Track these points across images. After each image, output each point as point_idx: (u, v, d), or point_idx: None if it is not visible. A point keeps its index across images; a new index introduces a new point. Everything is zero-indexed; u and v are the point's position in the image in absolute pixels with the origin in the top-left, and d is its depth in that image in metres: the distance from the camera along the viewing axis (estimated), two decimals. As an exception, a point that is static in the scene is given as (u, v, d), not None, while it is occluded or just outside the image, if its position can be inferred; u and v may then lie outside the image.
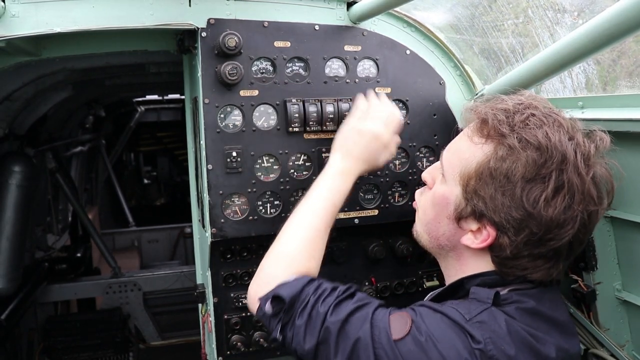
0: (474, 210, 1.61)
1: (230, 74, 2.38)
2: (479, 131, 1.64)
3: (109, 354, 5.69)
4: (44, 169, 5.61)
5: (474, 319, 1.50)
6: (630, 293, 2.07)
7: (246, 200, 2.49)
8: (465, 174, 1.63)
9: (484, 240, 1.62)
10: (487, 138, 1.61)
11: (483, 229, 1.62)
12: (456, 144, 1.74)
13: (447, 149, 1.78)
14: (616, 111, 1.94)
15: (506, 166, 1.53)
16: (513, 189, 1.52)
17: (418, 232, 1.90)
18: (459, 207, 1.65)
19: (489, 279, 1.65)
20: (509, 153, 1.54)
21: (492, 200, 1.56)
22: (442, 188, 1.73)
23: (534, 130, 1.53)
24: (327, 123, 2.57)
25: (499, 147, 1.56)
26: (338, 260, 2.76)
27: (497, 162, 1.55)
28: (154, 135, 11.69)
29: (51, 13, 2.28)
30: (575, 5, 2.33)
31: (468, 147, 1.65)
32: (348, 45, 2.63)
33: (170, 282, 6.03)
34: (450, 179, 1.69)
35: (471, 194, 1.61)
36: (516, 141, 1.53)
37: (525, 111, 1.59)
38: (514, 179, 1.52)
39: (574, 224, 1.52)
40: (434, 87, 2.78)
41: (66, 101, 4.83)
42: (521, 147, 1.52)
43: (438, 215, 1.74)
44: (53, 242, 5.98)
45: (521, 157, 1.52)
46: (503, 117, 1.59)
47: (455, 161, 1.68)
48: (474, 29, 2.77)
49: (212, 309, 2.61)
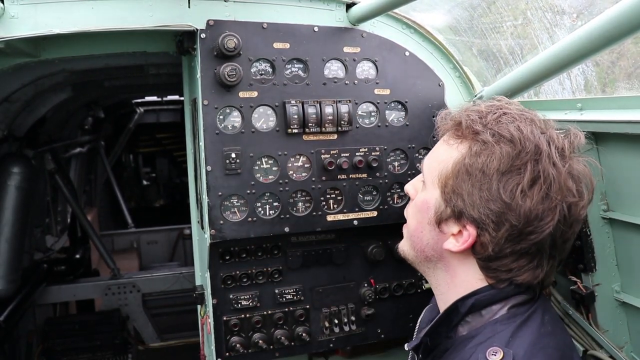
0: (453, 210, 1.61)
1: (230, 75, 2.38)
2: (453, 134, 1.67)
3: (108, 356, 5.67)
4: (43, 170, 5.59)
5: None
6: (629, 294, 2.07)
7: (245, 202, 2.49)
8: (443, 175, 1.64)
9: (464, 241, 1.61)
10: (462, 138, 1.64)
11: (464, 230, 1.61)
12: (434, 149, 1.77)
13: (426, 156, 1.80)
14: (615, 113, 1.94)
15: (481, 161, 1.56)
16: (489, 182, 1.54)
17: (404, 250, 1.86)
18: (439, 209, 1.65)
19: (483, 297, 1.61)
20: (483, 148, 1.57)
21: (469, 196, 1.57)
22: (422, 195, 1.74)
23: (506, 125, 1.57)
24: (326, 124, 2.58)
25: (473, 143, 1.60)
26: (337, 261, 2.76)
27: (472, 158, 1.58)
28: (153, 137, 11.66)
29: (50, 14, 2.28)
30: (574, 7, 2.33)
31: (445, 149, 1.68)
32: (347, 46, 2.63)
33: (170, 284, 6.02)
34: (430, 183, 1.70)
35: (449, 194, 1.62)
36: (489, 136, 1.56)
37: (497, 111, 1.63)
38: (489, 173, 1.54)
39: (553, 215, 1.52)
40: (433, 88, 2.78)
41: (65, 102, 4.82)
42: (494, 141, 1.55)
43: (420, 223, 1.73)
44: (52, 244, 5.97)
45: (495, 151, 1.54)
46: (476, 117, 1.63)
47: (433, 164, 1.70)
48: (473, 30, 2.78)
49: (211, 310, 2.61)
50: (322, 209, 2.62)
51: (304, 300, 2.73)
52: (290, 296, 2.70)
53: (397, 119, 2.75)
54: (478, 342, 1.54)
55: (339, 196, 2.65)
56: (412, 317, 2.88)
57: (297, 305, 2.71)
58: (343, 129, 2.62)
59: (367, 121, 2.70)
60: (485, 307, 1.60)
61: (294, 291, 2.70)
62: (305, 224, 2.60)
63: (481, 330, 1.58)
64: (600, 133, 2.01)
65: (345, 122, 2.60)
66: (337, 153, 2.62)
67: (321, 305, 2.75)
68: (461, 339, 1.61)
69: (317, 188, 2.61)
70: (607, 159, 2.03)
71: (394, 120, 2.74)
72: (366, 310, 2.80)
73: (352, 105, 2.63)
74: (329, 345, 2.79)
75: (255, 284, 2.65)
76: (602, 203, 2.07)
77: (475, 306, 1.60)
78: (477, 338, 1.56)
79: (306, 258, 2.71)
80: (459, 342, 1.61)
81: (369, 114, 2.70)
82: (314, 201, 2.60)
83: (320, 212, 2.62)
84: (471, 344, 1.56)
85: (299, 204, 2.59)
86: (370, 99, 2.68)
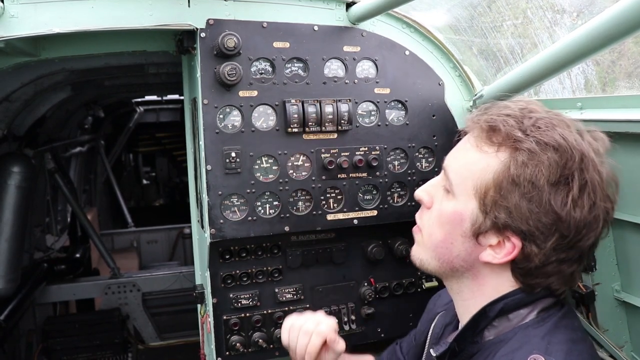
0: (494, 222, 1.52)
1: (230, 75, 2.37)
2: (487, 139, 1.56)
3: (108, 355, 5.68)
4: (43, 169, 5.60)
5: None
6: (629, 294, 2.06)
7: (245, 201, 2.49)
8: (481, 186, 1.54)
9: (508, 253, 1.53)
10: (499, 145, 1.53)
11: (505, 242, 1.54)
12: (463, 155, 1.62)
13: (451, 161, 1.65)
14: (615, 112, 1.94)
15: (529, 171, 1.47)
16: (539, 193, 1.47)
17: (423, 259, 1.71)
18: (477, 222, 1.55)
19: (511, 301, 1.56)
20: (529, 157, 1.48)
21: (517, 209, 1.49)
22: (450, 205, 1.61)
23: (548, 132, 1.49)
24: (326, 124, 2.58)
25: (517, 153, 1.49)
26: (337, 261, 2.76)
27: (519, 169, 1.48)
28: (153, 136, 11.68)
29: (50, 14, 2.28)
30: (575, 6, 2.33)
31: (479, 157, 1.56)
32: (347, 45, 2.63)
33: (169, 283, 6.02)
34: (462, 193, 1.58)
35: (490, 205, 1.52)
36: (534, 144, 1.47)
37: (532, 115, 1.55)
38: (539, 184, 1.47)
39: (599, 222, 1.50)
40: (433, 87, 2.78)
41: (65, 102, 4.82)
42: (540, 150, 1.47)
43: (449, 234, 1.61)
44: (52, 243, 5.98)
45: (543, 160, 1.47)
46: (513, 122, 1.52)
47: (465, 173, 1.57)
48: (473, 29, 2.78)
49: (211, 309, 2.61)
50: (322, 208, 2.62)
51: (304, 299, 2.73)
52: (290, 295, 2.70)
53: (397, 118, 2.75)
54: (513, 349, 1.49)
55: (339, 195, 2.65)
56: (412, 316, 2.88)
57: (297, 305, 2.71)
58: (343, 128, 2.62)
59: (367, 120, 2.70)
60: (513, 311, 1.56)
61: (294, 290, 2.71)
62: (305, 223, 2.60)
63: (511, 336, 1.54)
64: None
65: (345, 121, 2.60)
66: (337, 152, 2.62)
67: (321, 305, 2.75)
68: (488, 343, 1.57)
69: (317, 187, 2.61)
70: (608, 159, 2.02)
71: (394, 119, 2.74)
72: (366, 309, 2.80)
73: (352, 104, 2.63)
74: (329, 345, 2.79)
75: (255, 283, 2.65)
76: (602, 202, 2.07)
77: (504, 310, 1.56)
78: (510, 344, 1.51)
79: (306, 257, 2.71)
80: (486, 347, 1.57)
81: (369, 113, 2.70)
82: (314, 200, 2.60)
83: (320, 211, 2.62)
84: (503, 349, 1.51)
85: (299, 203, 2.59)
86: (370, 98, 2.68)
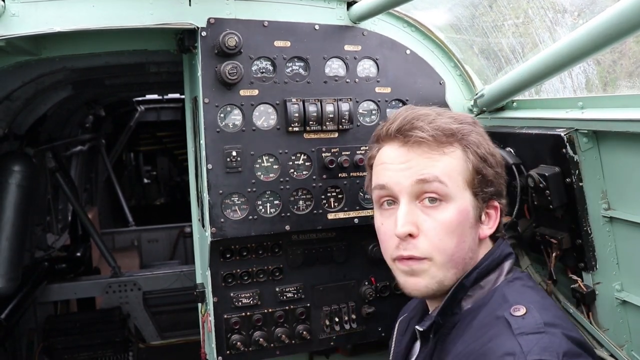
0: (484, 199, 1.72)
1: (230, 74, 2.38)
2: (439, 143, 1.68)
3: (108, 354, 5.68)
4: (44, 168, 5.60)
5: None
6: (629, 293, 2.06)
7: (246, 200, 2.49)
8: (468, 177, 1.69)
9: (496, 218, 1.76)
10: (452, 142, 1.69)
11: (490, 209, 1.75)
12: (434, 163, 1.67)
13: (430, 174, 1.65)
14: (616, 111, 1.94)
15: (483, 145, 1.73)
16: (495, 157, 1.76)
17: (440, 279, 1.67)
18: (476, 207, 1.70)
19: (484, 268, 1.71)
20: (475, 137, 1.72)
21: (493, 177, 1.73)
22: (452, 208, 1.65)
23: (455, 115, 1.79)
24: (327, 123, 2.58)
25: (466, 138, 1.71)
26: (338, 260, 2.76)
27: (479, 148, 1.71)
28: (153, 135, 11.69)
29: (51, 12, 2.28)
30: (576, 6, 2.32)
31: (450, 158, 1.69)
32: (348, 45, 2.63)
33: (170, 282, 6.03)
34: (456, 192, 1.67)
35: (479, 187, 1.70)
36: (466, 126, 1.72)
37: (428, 111, 1.76)
38: (491, 150, 1.76)
39: None
40: (434, 87, 2.78)
41: (66, 101, 4.83)
42: (471, 127, 1.74)
43: (461, 234, 1.66)
44: (53, 242, 5.98)
45: (479, 131, 1.76)
46: (441, 121, 1.70)
47: (453, 174, 1.67)
48: (474, 29, 2.77)
49: (211, 308, 2.61)
50: (322, 208, 2.62)
51: (305, 298, 2.73)
52: (291, 294, 2.70)
53: (397, 118, 2.74)
54: (493, 308, 1.61)
55: (340, 195, 2.65)
56: (413, 315, 2.88)
57: (298, 304, 2.71)
58: (344, 127, 2.62)
59: (368, 119, 2.70)
60: (484, 278, 1.71)
61: (294, 289, 2.71)
62: (306, 222, 2.60)
63: (488, 299, 1.66)
64: (601, 132, 2.00)
65: (346, 120, 2.60)
66: (338, 151, 2.62)
67: (322, 304, 2.75)
68: (468, 311, 1.68)
69: (318, 186, 2.61)
70: (608, 158, 2.02)
71: (395, 118, 2.74)
72: (367, 308, 2.80)
73: (352, 103, 2.63)
74: (330, 344, 2.79)
75: (255, 282, 2.65)
76: (603, 202, 2.07)
77: (477, 279, 1.69)
78: (490, 304, 1.63)
79: (307, 256, 2.71)
80: (466, 315, 1.67)
81: (369, 112, 2.70)
82: (315, 199, 2.60)
83: (321, 210, 2.62)
84: (485, 311, 1.63)
85: (300, 203, 2.59)
86: (371, 97, 2.68)
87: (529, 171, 2.24)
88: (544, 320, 1.48)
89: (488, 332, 1.53)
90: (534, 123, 2.36)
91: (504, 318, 1.52)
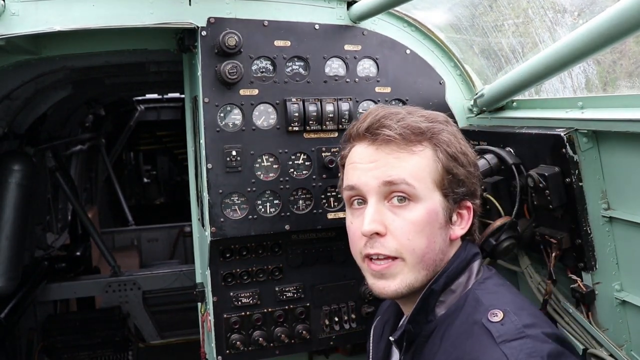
0: (455, 199, 1.69)
1: (230, 73, 2.38)
2: (408, 141, 1.65)
3: (108, 353, 5.69)
4: (44, 168, 5.60)
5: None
6: (629, 293, 2.06)
7: (246, 200, 2.49)
8: (437, 177, 1.66)
9: (468, 218, 1.74)
10: (421, 140, 1.67)
11: (462, 211, 1.73)
12: (402, 163, 1.64)
13: (396, 175, 1.63)
14: (616, 111, 1.94)
15: (454, 144, 1.70)
16: (466, 156, 1.73)
17: (410, 282, 1.65)
18: (446, 207, 1.67)
19: (452, 271, 1.67)
20: (446, 135, 1.69)
21: (464, 176, 1.70)
22: (420, 208, 1.63)
23: (426, 114, 1.75)
24: (327, 122, 2.58)
25: (437, 137, 1.68)
26: (337, 259, 2.76)
27: (449, 147, 1.68)
28: (153, 135, 11.69)
29: (51, 11, 2.28)
30: (576, 6, 2.32)
31: (419, 157, 1.65)
32: (348, 44, 2.63)
33: (170, 281, 6.02)
34: (426, 192, 1.64)
35: (449, 188, 1.67)
36: (437, 124, 1.70)
37: (399, 110, 1.74)
38: (463, 149, 1.72)
39: None
40: (433, 86, 2.78)
41: (66, 100, 4.82)
42: (443, 125, 1.71)
43: (431, 234, 1.64)
44: (53, 241, 5.98)
45: (450, 130, 1.73)
46: (411, 120, 1.68)
47: (421, 174, 1.64)
48: (474, 28, 2.77)
49: (211, 308, 2.61)
50: (322, 207, 2.62)
51: (305, 298, 2.73)
52: (291, 294, 2.70)
53: (397, 117, 2.74)
54: (468, 312, 1.59)
55: (340, 194, 2.65)
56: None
57: (298, 303, 2.71)
58: (344, 127, 2.61)
59: (368, 119, 2.69)
60: (454, 281, 1.68)
61: (294, 289, 2.71)
62: (306, 222, 2.60)
63: (462, 303, 1.64)
64: (601, 132, 2.00)
65: (346, 120, 2.60)
66: (338, 151, 2.62)
67: (321, 303, 2.75)
68: (443, 317, 1.65)
69: (318, 186, 2.61)
70: (608, 158, 2.02)
71: (395, 118, 2.74)
72: (366, 308, 2.80)
73: (352, 103, 2.63)
74: (329, 343, 2.79)
75: (255, 282, 2.65)
76: (603, 202, 2.07)
77: (447, 283, 1.67)
78: (465, 309, 1.61)
79: (307, 256, 2.71)
80: (441, 321, 1.64)
81: (369, 112, 2.70)
82: (315, 199, 2.60)
83: (321, 210, 2.62)
84: (461, 316, 1.60)
85: (300, 202, 2.59)
86: (371, 96, 2.68)
87: (529, 171, 2.24)
88: (522, 322, 1.48)
89: (468, 340, 1.51)
90: (533, 123, 2.36)
91: (481, 324, 1.51)
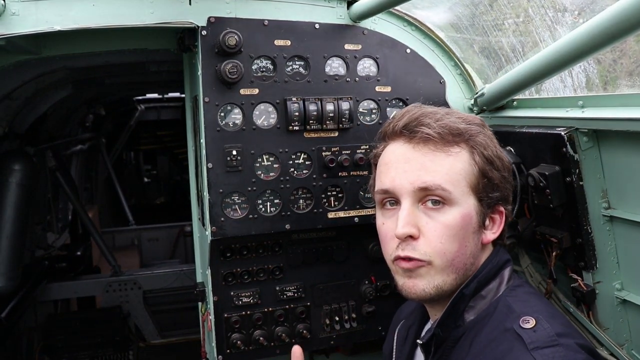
0: (489, 204, 1.68)
1: (231, 73, 2.38)
2: (445, 142, 1.64)
3: (108, 353, 5.69)
4: (44, 167, 5.60)
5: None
6: (630, 292, 2.06)
7: (246, 199, 2.49)
8: (472, 180, 1.64)
9: (500, 223, 1.72)
10: (458, 142, 1.65)
11: (495, 215, 1.71)
12: (437, 165, 1.63)
13: (429, 177, 1.61)
14: (616, 110, 1.94)
15: (490, 148, 1.69)
16: (501, 160, 1.72)
17: (439, 284, 1.63)
18: (480, 212, 1.66)
19: (483, 276, 1.66)
20: (482, 138, 1.68)
21: (499, 181, 1.69)
22: (455, 212, 1.61)
23: (463, 115, 1.74)
24: (327, 122, 2.58)
25: (473, 139, 1.67)
26: (338, 259, 2.77)
27: (485, 150, 1.67)
28: (154, 134, 11.68)
29: (51, 11, 2.28)
30: (576, 5, 2.32)
31: (454, 159, 1.64)
32: (348, 44, 2.63)
33: (170, 281, 6.03)
34: (461, 196, 1.62)
35: (484, 192, 1.65)
36: (474, 126, 1.69)
37: (439, 110, 1.73)
38: (498, 153, 1.71)
39: None
40: (434, 86, 2.78)
41: (66, 100, 4.83)
42: (479, 128, 1.70)
43: (463, 239, 1.62)
44: (53, 241, 5.98)
45: (487, 133, 1.72)
46: (448, 120, 1.67)
47: (456, 177, 1.62)
48: (475, 27, 2.77)
49: (212, 307, 2.62)
50: (323, 207, 2.62)
51: (305, 297, 2.73)
52: (291, 293, 2.70)
53: (398, 117, 2.74)
54: (500, 320, 1.56)
55: (340, 193, 2.65)
56: (413, 314, 2.88)
57: (298, 303, 2.72)
58: (344, 126, 2.62)
59: (368, 118, 2.70)
60: (485, 287, 1.66)
61: (294, 288, 2.71)
62: (306, 221, 2.60)
63: (492, 309, 1.61)
64: (602, 131, 2.00)
65: (346, 119, 2.60)
66: (338, 150, 2.62)
67: (322, 303, 2.75)
68: (472, 323, 1.63)
69: (318, 185, 2.61)
70: (608, 157, 2.02)
71: (395, 117, 2.74)
72: (367, 307, 2.80)
73: (353, 102, 2.63)
74: (330, 343, 2.79)
75: (256, 281, 2.65)
76: (603, 201, 2.07)
77: (478, 288, 1.65)
78: (495, 317, 1.58)
79: (307, 255, 2.71)
80: (471, 327, 1.62)
81: (370, 111, 2.70)
82: (315, 198, 2.60)
83: (321, 209, 2.62)
84: (491, 323, 1.58)
85: (300, 202, 2.59)
86: (371, 96, 2.68)
87: (529, 170, 2.24)
88: (555, 331, 1.46)
89: (499, 347, 1.48)
90: (534, 122, 2.36)
91: (513, 331, 1.48)
